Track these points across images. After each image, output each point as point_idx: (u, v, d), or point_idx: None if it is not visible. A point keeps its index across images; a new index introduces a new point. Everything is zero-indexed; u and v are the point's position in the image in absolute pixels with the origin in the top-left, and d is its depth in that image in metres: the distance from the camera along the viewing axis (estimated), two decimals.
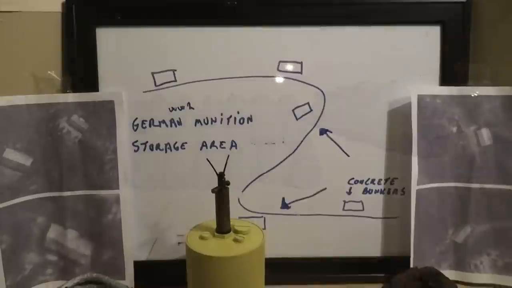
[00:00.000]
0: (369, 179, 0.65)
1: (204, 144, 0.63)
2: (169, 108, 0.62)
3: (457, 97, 0.61)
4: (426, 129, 0.62)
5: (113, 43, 0.61)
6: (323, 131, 0.63)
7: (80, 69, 0.61)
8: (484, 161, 0.62)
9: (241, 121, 0.63)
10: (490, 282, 0.63)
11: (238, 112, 0.63)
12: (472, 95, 0.61)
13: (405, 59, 0.63)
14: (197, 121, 0.63)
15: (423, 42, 0.62)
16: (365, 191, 0.65)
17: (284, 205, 0.65)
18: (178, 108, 0.62)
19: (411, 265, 0.62)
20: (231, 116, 0.63)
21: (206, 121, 0.63)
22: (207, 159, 0.53)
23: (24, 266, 0.60)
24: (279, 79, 0.62)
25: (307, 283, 0.64)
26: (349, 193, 0.65)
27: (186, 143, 0.63)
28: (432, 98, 0.61)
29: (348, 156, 0.64)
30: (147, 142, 0.63)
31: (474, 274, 0.63)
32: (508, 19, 0.62)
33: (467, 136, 0.62)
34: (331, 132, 0.63)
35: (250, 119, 0.63)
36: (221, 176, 0.52)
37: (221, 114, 0.63)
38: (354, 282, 0.64)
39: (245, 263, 0.50)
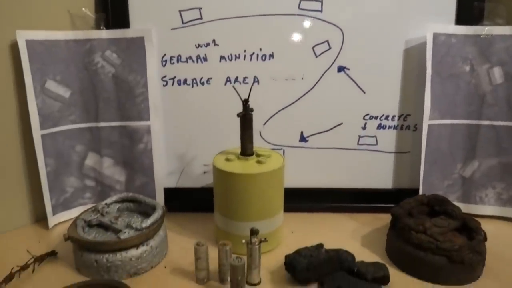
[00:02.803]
0: (383, 115, 0.68)
1: (228, 79, 0.66)
2: (195, 45, 0.65)
3: (471, 36, 0.63)
4: (440, 67, 0.64)
5: None
6: (341, 68, 0.66)
7: (112, 7, 0.65)
8: (494, 99, 0.64)
9: (263, 57, 0.66)
10: (494, 213, 0.66)
11: (260, 49, 0.66)
12: (486, 36, 0.63)
13: None
14: (222, 57, 0.66)
15: None
16: (379, 126, 0.68)
17: (302, 138, 0.69)
18: (204, 44, 0.65)
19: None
20: (253, 53, 0.66)
21: (230, 58, 0.66)
22: (233, 86, 0.57)
23: (65, 189, 0.66)
24: (300, 17, 0.65)
25: (323, 211, 0.68)
26: (364, 128, 0.68)
27: (211, 78, 0.66)
28: (447, 37, 0.63)
29: (364, 92, 0.67)
30: (175, 77, 0.67)
31: (479, 206, 0.67)
32: None
33: (479, 74, 0.64)
34: (349, 69, 0.66)
35: (271, 55, 0.66)
36: (245, 102, 0.55)
37: (244, 51, 0.66)
38: (366, 212, 0.68)
39: (267, 181, 0.55)
